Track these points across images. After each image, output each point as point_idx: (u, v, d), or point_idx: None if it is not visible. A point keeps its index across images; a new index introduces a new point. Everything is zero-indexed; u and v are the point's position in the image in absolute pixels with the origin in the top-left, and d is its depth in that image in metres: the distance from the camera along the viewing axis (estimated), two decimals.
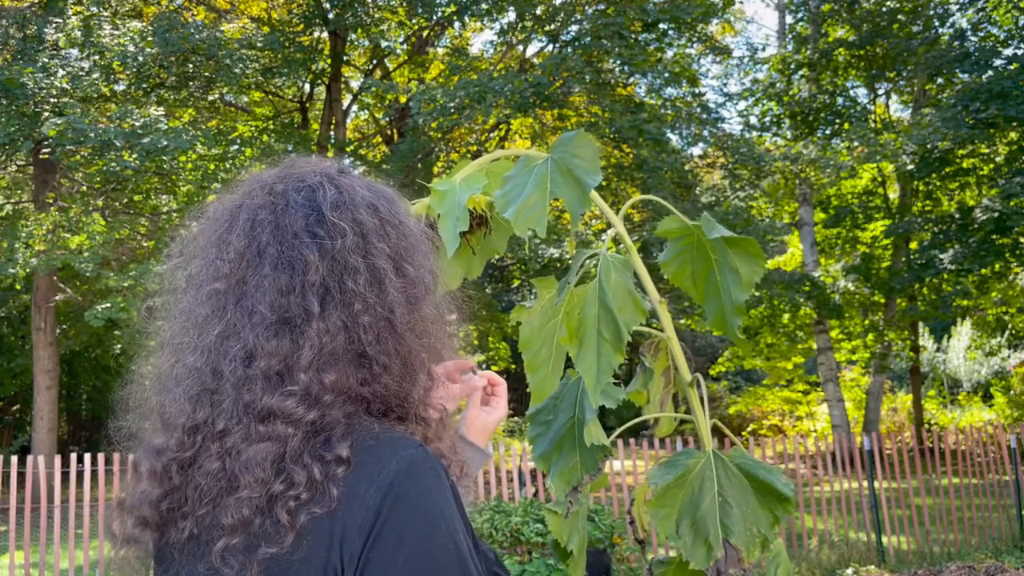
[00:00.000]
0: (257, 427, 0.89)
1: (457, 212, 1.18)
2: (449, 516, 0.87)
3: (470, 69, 13.81)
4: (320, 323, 0.92)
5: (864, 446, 8.14)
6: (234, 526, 0.87)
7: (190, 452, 0.92)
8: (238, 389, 0.91)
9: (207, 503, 0.89)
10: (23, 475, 6.38)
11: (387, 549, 0.84)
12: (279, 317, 0.92)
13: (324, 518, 0.85)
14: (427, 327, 0.98)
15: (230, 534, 0.87)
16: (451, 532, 0.87)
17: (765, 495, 1.10)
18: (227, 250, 0.97)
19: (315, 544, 0.85)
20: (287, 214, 0.97)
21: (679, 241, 1.23)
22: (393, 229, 0.99)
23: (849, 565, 7.34)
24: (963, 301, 15.83)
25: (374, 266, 0.95)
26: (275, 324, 0.92)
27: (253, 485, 0.87)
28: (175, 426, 0.93)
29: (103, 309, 10.88)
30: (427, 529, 0.85)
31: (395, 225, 1.00)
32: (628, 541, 6.25)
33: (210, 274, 0.97)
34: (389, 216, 1.00)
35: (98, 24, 11.67)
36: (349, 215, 0.97)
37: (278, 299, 0.93)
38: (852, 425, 16.87)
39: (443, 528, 0.86)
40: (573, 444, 1.24)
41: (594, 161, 1.14)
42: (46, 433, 12.99)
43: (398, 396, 0.95)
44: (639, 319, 1.08)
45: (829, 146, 14.30)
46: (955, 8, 16.05)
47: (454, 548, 0.86)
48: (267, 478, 0.87)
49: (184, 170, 12.39)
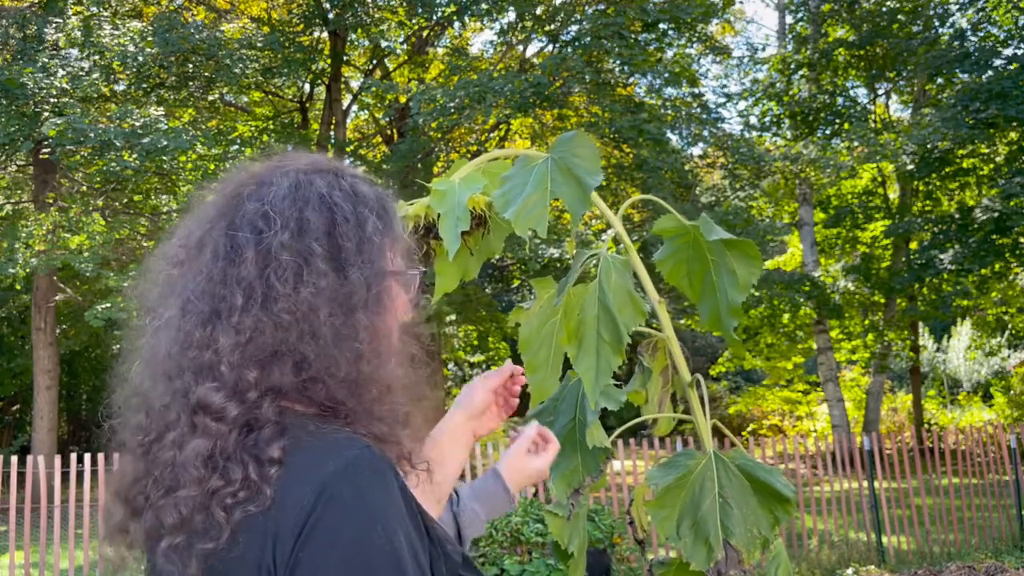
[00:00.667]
0: (192, 419, 0.90)
1: (458, 212, 1.18)
2: (389, 517, 0.86)
3: (470, 69, 13.81)
4: (242, 317, 0.91)
5: (864, 446, 8.14)
6: (174, 525, 0.87)
7: (152, 435, 0.93)
8: (178, 377, 0.92)
9: (161, 495, 0.90)
10: (23, 475, 6.37)
11: (319, 549, 0.82)
12: (211, 308, 0.93)
13: (259, 516, 0.85)
14: (361, 334, 0.94)
15: (171, 533, 0.87)
16: (389, 534, 0.84)
17: (765, 496, 1.10)
18: (187, 238, 0.99)
19: (250, 542, 0.85)
20: (240, 206, 0.98)
21: (675, 240, 1.23)
22: (349, 231, 0.97)
23: (849, 565, 7.34)
24: (963, 301, 15.83)
25: (307, 264, 0.94)
26: (206, 314, 0.93)
27: (190, 484, 0.87)
28: (143, 405, 0.96)
29: (103, 309, 10.88)
30: (362, 531, 0.84)
31: (351, 227, 0.97)
32: (628, 541, 6.26)
33: (168, 259, 1.00)
34: (348, 216, 0.98)
35: (98, 24, 11.67)
36: (296, 212, 0.96)
37: (211, 289, 0.94)
38: (852, 425, 16.86)
39: (379, 530, 0.84)
40: (574, 446, 1.24)
41: (594, 161, 1.14)
42: (46, 433, 12.99)
43: (336, 399, 0.93)
44: (639, 320, 1.08)
45: (829, 146, 14.30)
46: (955, 8, 16.05)
47: (390, 550, 0.84)
48: (203, 476, 0.87)
49: (184, 170, 12.39)
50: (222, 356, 0.91)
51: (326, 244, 0.95)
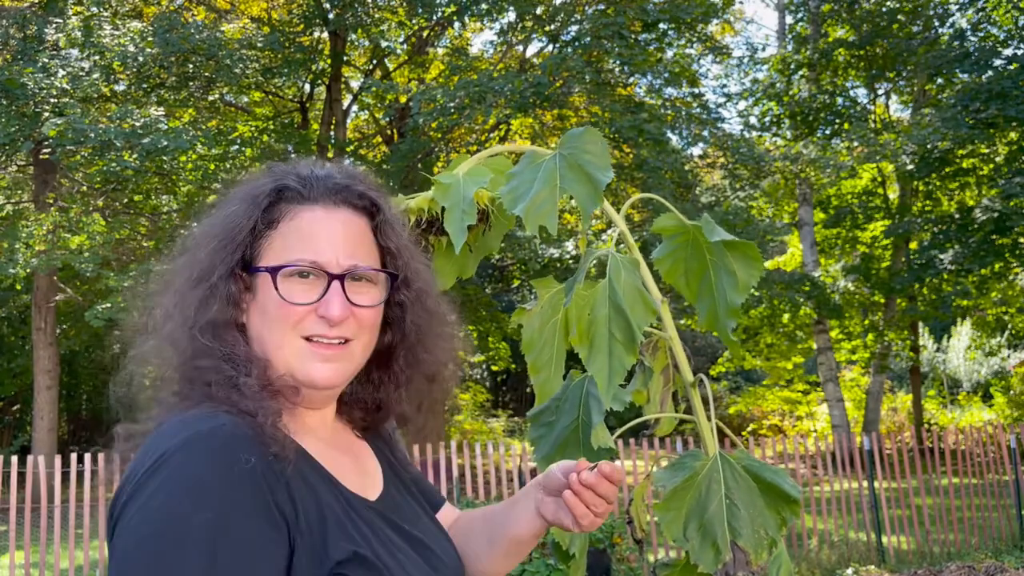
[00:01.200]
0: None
1: (464, 205, 1.17)
2: (206, 494, 0.85)
3: (470, 69, 13.80)
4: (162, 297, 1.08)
5: (864, 446, 8.14)
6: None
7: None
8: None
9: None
10: (23, 475, 6.37)
11: (134, 509, 0.86)
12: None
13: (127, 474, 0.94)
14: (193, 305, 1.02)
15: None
16: (195, 509, 0.84)
17: (772, 497, 1.10)
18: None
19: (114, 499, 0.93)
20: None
21: (674, 239, 1.22)
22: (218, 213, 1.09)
23: (849, 565, 7.34)
24: (963, 301, 15.83)
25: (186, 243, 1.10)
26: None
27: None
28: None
29: (103, 309, 10.88)
30: (171, 501, 0.85)
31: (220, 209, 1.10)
32: (628, 541, 6.25)
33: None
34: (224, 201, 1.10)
35: (98, 24, 11.66)
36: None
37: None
38: (852, 425, 16.86)
39: (188, 504, 0.84)
40: (577, 446, 1.23)
41: (605, 157, 1.14)
42: (46, 433, 12.99)
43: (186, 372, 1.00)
44: (650, 319, 1.08)
45: (829, 146, 14.30)
46: (955, 8, 16.05)
47: (184, 528, 0.83)
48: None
49: (184, 170, 12.38)
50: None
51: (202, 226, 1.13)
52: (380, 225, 1.09)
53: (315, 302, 1.01)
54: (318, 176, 1.08)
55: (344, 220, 1.06)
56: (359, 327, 1.05)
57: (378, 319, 1.09)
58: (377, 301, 1.07)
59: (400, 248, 1.10)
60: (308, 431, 1.06)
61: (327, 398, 1.09)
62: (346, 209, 1.07)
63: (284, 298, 1.01)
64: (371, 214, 1.09)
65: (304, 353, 1.02)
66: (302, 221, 1.04)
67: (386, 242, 1.09)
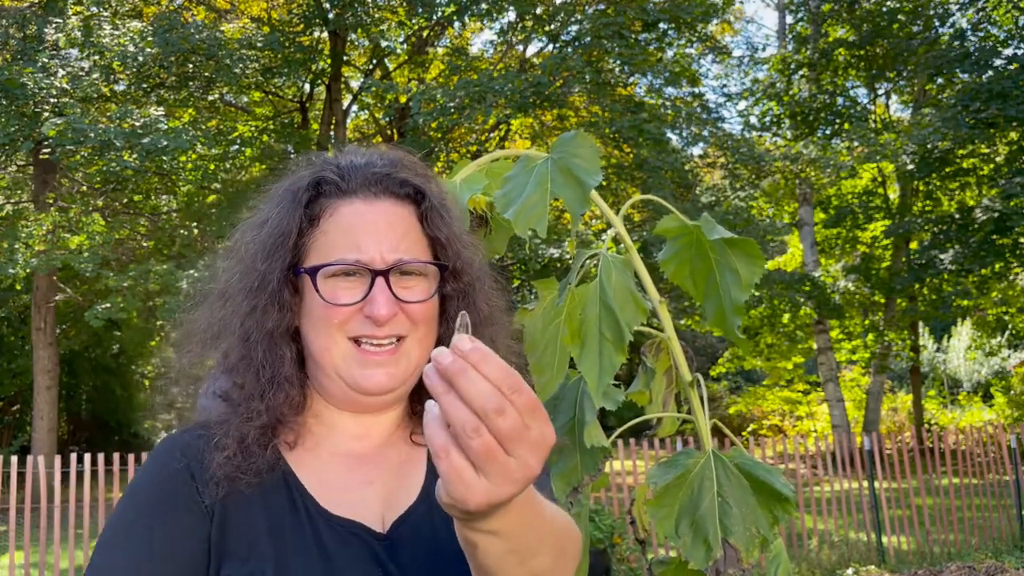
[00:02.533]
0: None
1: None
2: (137, 493, 0.96)
3: (470, 69, 13.81)
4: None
5: (864, 446, 8.14)
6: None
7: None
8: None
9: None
10: (23, 475, 6.38)
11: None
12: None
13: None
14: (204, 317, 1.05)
15: None
16: (126, 506, 0.95)
17: (765, 495, 1.10)
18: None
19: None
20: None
21: (678, 240, 1.23)
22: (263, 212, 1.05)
23: (849, 565, 7.34)
24: (963, 301, 15.84)
25: (235, 249, 1.06)
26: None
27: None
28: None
29: (103, 309, 10.89)
30: (124, 495, 0.97)
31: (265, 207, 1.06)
32: (628, 541, 6.25)
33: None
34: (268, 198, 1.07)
35: (98, 24, 11.67)
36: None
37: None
38: (852, 425, 16.87)
39: (125, 500, 0.96)
40: (573, 445, 1.24)
41: (594, 161, 1.14)
42: (46, 433, 12.99)
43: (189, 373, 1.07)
44: (640, 319, 1.08)
45: (829, 146, 14.30)
46: (955, 8, 16.05)
47: (114, 520, 0.94)
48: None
49: (184, 170, 12.39)
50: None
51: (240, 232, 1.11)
52: (427, 213, 1.03)
53: (359, 301, 0.96)
54: (356, 166, 1.03)
55: (386, 211, 1.00)
56: (411, 323, 0.99)
57: (433, 312, 1.02)
58: (428, 295, 1.00)
59: (450, 237, 1.03)
60: (335, 441, 1.03)
61: (383, 403, 1.02)
62: (388, 199, 1.01)
63: (326, 299, 0.96)
64: (416, 202, 1.03)
65: (351, 357, 0.98)
66: (342, 216, 0.99)
67: (434, 232, 1.02)
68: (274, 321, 0.98)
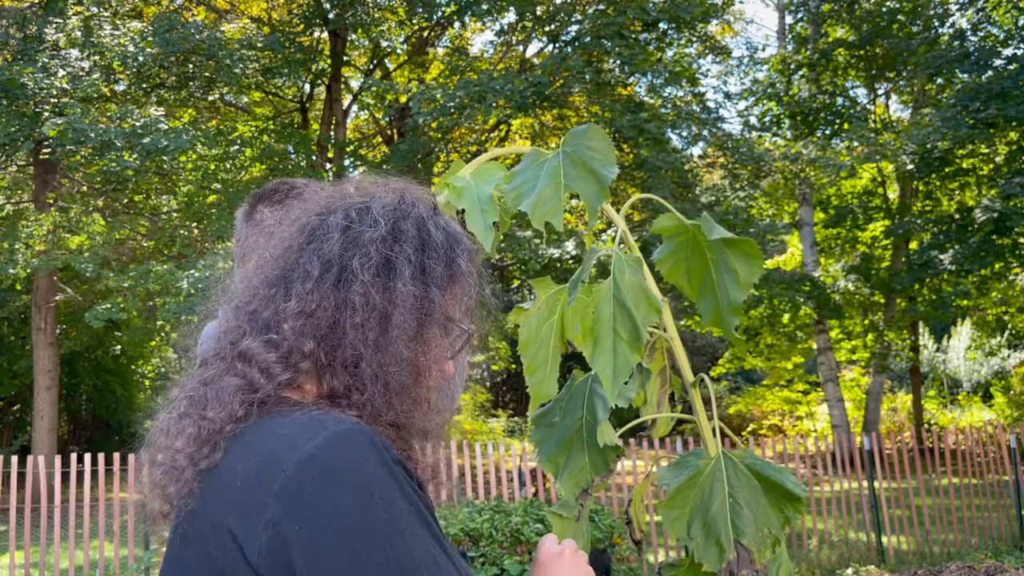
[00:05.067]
0: (235, 364, 0.93)
1: (482, 204, 1.15)
2: (385, 487, 0.85)
3: (470, 69, 13.81)
4: (312, 285, 0.94)
5: (864, 446, 8.14)
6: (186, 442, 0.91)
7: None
8: (234, 330, 0.97)
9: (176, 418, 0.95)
10: (23, 475, 6.37)
11: (315, 521, 0.82)
12: (282, 272, 0.96)
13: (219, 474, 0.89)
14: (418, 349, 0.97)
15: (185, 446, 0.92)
16: (387, 501, 0.84)
17: (776, 495, 1.10)
18: (290, 220, 1.05)
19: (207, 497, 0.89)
20: (342, 200, 1.03)
21: (674, 239, 1.22)
22: (435, 254, 0.99)
23: (849, 565, 7.34)
24: (963, 301, 15.83)
25: (390, 263, 0.96)
26: (277, 276, 0.97)
27: (218, 406, 0.91)
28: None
29: (103, 309, 10.89)
30: (360, 498, 0.83)
31: (441, 255, 1.00)
32: (628, 541, 6.25)
33: (264, 228, 1.13)
34: (439, 245, 1.00)
35: (98, 24, 11.67)
36: (391, 219, 0.99)
37: (288, 255, 0.98)
38: (852, 425, 16.87)
39: (376, 497, 0.84)
40: (581, 445, 1.23)
41: (609, 153, 1.13)
42: (46, 433, 12.99)
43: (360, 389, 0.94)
44: (654, 318, 1.08)
45: (829, 146, 14.29)
46: (955, 8, 16.05)
47: (389, 517, 0.83)
48: (231, 409, 0.91)
49: (184, 170, 12.39)
50: (286, 314, 0.94)
51: (414, 257, 0.97)
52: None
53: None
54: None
55: None
56: None
57: None
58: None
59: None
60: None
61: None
62: None
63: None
64: None
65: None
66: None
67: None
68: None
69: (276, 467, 0.84)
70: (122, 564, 7.34)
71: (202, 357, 1.00)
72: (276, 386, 0.92)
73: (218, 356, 0.97)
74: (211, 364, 0.97)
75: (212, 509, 0.87)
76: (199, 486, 0.89)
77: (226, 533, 0.84)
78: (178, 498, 0.90)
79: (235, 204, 12.42)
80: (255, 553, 0.82)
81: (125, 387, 19.69)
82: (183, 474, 0.90)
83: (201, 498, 0.88)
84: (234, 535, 0.84)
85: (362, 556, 0.81)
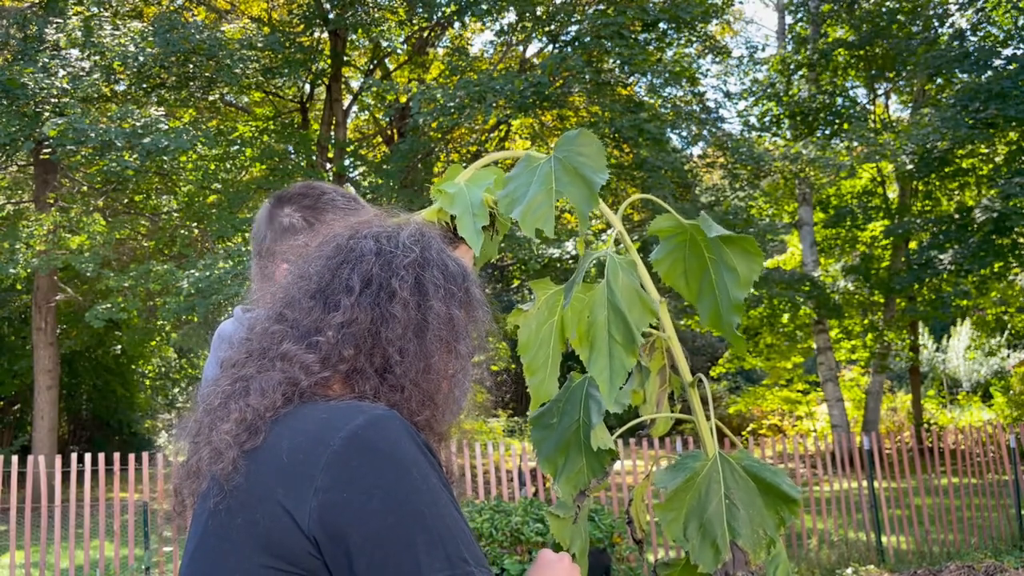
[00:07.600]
0: (275, 363, 1.02)
1: (474, 209, 1.18)
2: (420, 464, 0.95)
3: (470, 69, 13.81)
4: (354, 299, 1.03)
5: (864, 446, 8.14)
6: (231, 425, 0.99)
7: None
8: (273, 338, 1.05)
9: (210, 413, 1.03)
10: (23, 475, 6.38)
11: (359, 495, 0.91)
12: (321, 286, 1.06)
13: (263, 452, 0.97)
14: (451, 364, 1.08)
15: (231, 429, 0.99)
16: (424, 476, 0.94)
17: (771, 497, 1.10)
18: (321, 242, 1.14)
19: (255, 474, 0.97)
20: (367, 227, 1.13)
21: (672, 239, 1.22)
22: (455, 280, 1.10)
23: (849, 565, 7.34)
24: (963, 301, 15.83)
25: (422, 285, 1.06)
26: (316, 289, 1.06)
27: (260, 396, 1.00)
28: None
29: (103, 309, 10.89)
30: (401, 474, 0.93)
31: (458, 282, 1.10)
32: (628, 541, 6.26)
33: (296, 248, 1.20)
34: (456, 276, 1.11)
35: (98, 24, 11.67)
36: (419, 247, 1.09)
37: (328, 273, 1.07)
38: (852, 425, 16.87)
39: (415, 473, 0.94)
40: (579, 448, 1.24)
41: (600, 159, 1.14)
42: (46, 433, 13.00)
43: (392, 398, 1.04)
44: (649, 320, 1.08)
45: (829, 146, 14.29)
46: (955, 8, 16.06)
47: (427, 489, 0.93)
48: (273, 398, 0.99)
49: (185, 170, 12.41)
50: (326, 326, 1.03)
51: (441, 282, 1.08)
52: None
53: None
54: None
55: None
56: None
57: None
58: None
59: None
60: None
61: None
62: None
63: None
64: None
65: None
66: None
67: None
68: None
69: (322, 443, 0.94)
70: (122, 564, 7.35)
71: (228, 358, 1.09)
72: (314, 383, 1.01)
73: (251, 357, 1.05)
74: (246, 363, 1.05)
75: (258, 483, 0.95)
76: (245, 463, 0.96)
77: (274, 503, 0.93)
78: (222, 477, 0.97)
79: (235, 204, 12.46)
80: (306, 516, 0.91)
81: (125, 387, 19.71)
82: (227, 453, 0.97)
83: (246, 474, 0.96)
84: (282, 504, 0.92)
85: (407, 521, 0.91)
